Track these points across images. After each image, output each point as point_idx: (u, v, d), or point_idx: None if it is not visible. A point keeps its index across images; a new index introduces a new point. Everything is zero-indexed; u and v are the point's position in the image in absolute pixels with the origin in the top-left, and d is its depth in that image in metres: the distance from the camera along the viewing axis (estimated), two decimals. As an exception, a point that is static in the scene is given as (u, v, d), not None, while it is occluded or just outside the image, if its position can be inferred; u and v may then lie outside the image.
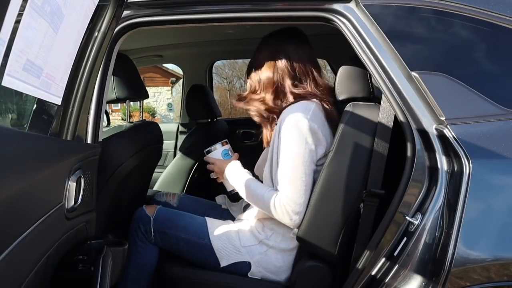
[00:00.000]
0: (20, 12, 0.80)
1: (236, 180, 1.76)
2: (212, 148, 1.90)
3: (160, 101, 21.32)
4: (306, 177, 1.57)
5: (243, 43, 1.83)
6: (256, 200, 1.67)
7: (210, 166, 1.89)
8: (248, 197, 1.71)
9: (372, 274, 1.41)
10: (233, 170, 1.79)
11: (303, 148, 1.57)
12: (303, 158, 1.57)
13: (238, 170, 1.79)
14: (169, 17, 1.62)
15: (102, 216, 1.62)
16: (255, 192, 1.67)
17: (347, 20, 1.49)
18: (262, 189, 1.65)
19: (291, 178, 1.56)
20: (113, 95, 1.91)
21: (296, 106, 1.63)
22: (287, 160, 1.57)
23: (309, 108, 1.62)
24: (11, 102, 2.36)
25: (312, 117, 1.59)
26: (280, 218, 1.60)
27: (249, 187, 1.70)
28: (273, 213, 1.59)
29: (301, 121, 1.57)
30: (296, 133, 1.57)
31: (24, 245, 0.83)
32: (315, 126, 1.59)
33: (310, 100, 1.67)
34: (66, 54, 1.17)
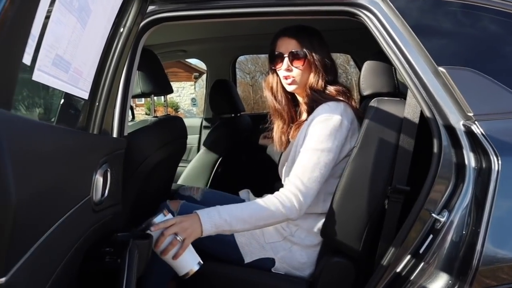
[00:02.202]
0: (50, 8, 0.82)
1: (224, 215, 1.48)
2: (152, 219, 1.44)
3: (183, 96, 21.45)
4: (325, 171, 1.56)
5: (267, 38, 1.81)
6: (258, 217, 1.50)
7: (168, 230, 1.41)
8: (248, 222, 1.50)
9: (397, 271, 1.40)
10: (211, 210, 1.51)
11: (330, 142, 1.56)
12: (328, 152, 1.56)
13: (217, 207, 1.52)
14: (194, 12, 1.63)
15: (127, 209, 1.63)
16: (252, 208, 1.52)
17: (372, 14, 1.47)
18: (257, 202, 1.54)
19: (312, 169, 1.55)
20: (138, 90, 1.93)
21: (329, 104, 1.62)
22: (312, 152, 1.56)
23: (341, 106, 1.61)
24: (38, 96, 2.41)
25: (344, 114, 1.59)
26: (286, 216, 1.52)
27: (245, 209, 1.52)
28: (279, 216, 1.51)
29: (334, 117, 1.57)
30: (327, 128, 1.56)
31: (54, 237, 0.85)
32: (346, 123, 1.58)
33: (339, 98, 1.66)
34: (93, 49, 1.18)
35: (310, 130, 1.59)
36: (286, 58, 1.68)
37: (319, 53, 1.68)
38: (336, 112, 1.58)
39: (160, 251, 1.41)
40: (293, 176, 1.55)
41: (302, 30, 1.71)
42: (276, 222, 1.56)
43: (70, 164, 0.97)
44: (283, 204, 1.50)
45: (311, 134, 1.58)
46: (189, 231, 1.42)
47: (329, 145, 1.55)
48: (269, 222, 1.54)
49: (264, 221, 1.52)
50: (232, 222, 1.47)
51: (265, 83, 1.84)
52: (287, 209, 1.51)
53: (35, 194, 0.72)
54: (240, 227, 1.49)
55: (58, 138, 0.89)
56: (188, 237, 1.42)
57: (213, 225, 1.45)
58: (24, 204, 0.66)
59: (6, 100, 0.64)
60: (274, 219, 1.52)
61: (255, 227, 1.53)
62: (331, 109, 1.59)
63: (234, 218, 1.47)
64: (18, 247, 0.69)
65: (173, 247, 1.40)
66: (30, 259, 0.73)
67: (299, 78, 1.68)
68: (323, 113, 1.59)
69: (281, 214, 1.51)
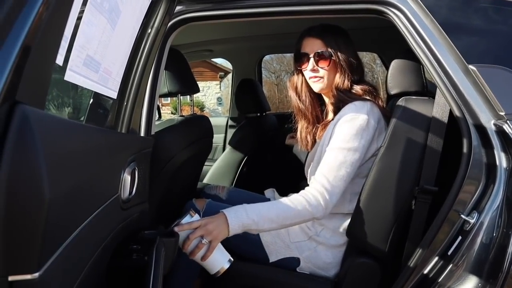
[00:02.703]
0: (81, 9, 0.83)
1: (251, 215, 1.47)
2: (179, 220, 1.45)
3: (208, 95, 21.58)
4: (351, 170, 1.55)
5: (293, 37, 1.81)
6: (284, 216, 1.49)
7: (193, 234, 1.40)
8: (275, 221, 1.48)
9: (424, 273, 1.38)
10: (238, 208, 1.50)
11: (356, 142, 1.55)
12: (354, 151, 1.55)
13: (244, 205, 1.51)
14: (220, 12, 1.64)
15: (154, 207, 1.65)
16: (279, 207, 1.50)
17: (401, 12, 1.45)
18: (283, 200, 1.53)
19: (338, 168, 1.54)
20: (165, 89, 1.95)
21: (356, 103, 1.61)
22: (338, 150, 1.55)
23: (368, 105, 1.60)
24: (67, 96, 2.46)
25: (371, 113, 1.57)
26: (312, 215, 1.51)
27: (272, 208, 1.51)
28: (305, 215, 1.50)
29: (361, 116, 1.56)
30: (353, 127, 1.56)
31: (84, 235, 0.87)
32: (373, 123, 1.57)
33: (365, 98, 1.64)
34: (122, 49, 1.20)
35: (336, 129, 1.58)
36: (312, 59, 1.67)
37: (345, 53, 1.67)
38: (362, 112, 1.57)
39: (188, 253, 1.42)
40: (319, 174, 1.55)
41: (327, 29, 1.70)
42: (303, 221, 1.55)
43: (100, 163, 0.99)
44: (310, 203, 1.49)
45: (337, 133, 1.57)
46: (215, 233, 1.41)
47: (355, 144, 1.54)
48: (296, 221, 1.53)
49: (291, 220, 1.51)
50: (260, 222, 1.46)
51: (289, 83, 1.84)
52: (313, 208, 1.50)
53: (67, 192, 0.74)
54: (267, 227, 1.48)
55: (89, 137, 0.90)
56: (215, 239, 1.41)
57: (240, 224, 1.44)
58: (56, 202, 0.67)
59: (40, 100, 0.66)
60: (301, 218, 1.51)
61: (281, 226, 1.52)
62: (358, 108, 1.58)
63: (261, 218, 1.46)
64: (50, 244, 0.70)
65: (199, 250, 1.40)
66: (61, 255, 0.74)
67: (325, 78, 1.68)
68: (350, 112, 1.58)
69: (308, 213, 1.50)
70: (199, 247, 1.40)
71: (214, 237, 1.41)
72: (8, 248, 0.61)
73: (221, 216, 1.46)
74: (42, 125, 0.63)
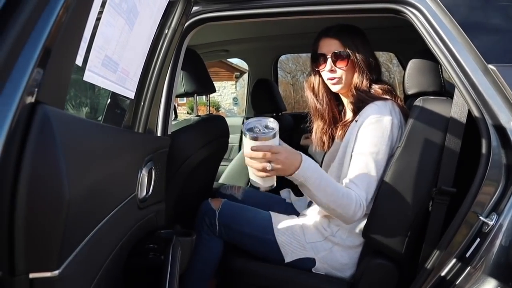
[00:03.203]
0: (100, 9, 0.84)
1: (316, 176, 1.43)
2: (267, 128, 1.38)
3: (224, 95, 21.62)
4: (379, 173, 1.55)
5: (309, 37, 1.80)
6: (335, 199, 1.46)
7: (267, 153, 1.33)
8: (327, 196, 1.45)
9: (442, 275, 1.37)
10: (312, 165, 1.43)
11: (384, 144, 1.54)
12: (383, 155, 1.54)
13: (317, 165, 1.45)
14: (236, 12, 1.64)
15: (170, 207, 1.66)
16: (337, 188, 1.47)
17: (419, 11, 1.44)
18: (342, 186, 1.51)
19: (369, 173, 1.53)
20: (182, 89, 1.96)
21: (377, 104, 1.60)
22: (368, 155, 1.54)
23: (389, 104, 1.60)
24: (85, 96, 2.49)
25: (393, 113, 1.57)
26: (353, 213, 1.49)
27: (332, 183, 1.47)
28: (348, 210, 1.48)
29: (385, 118, 1.56)
30: (379, 130, 1.55)
31: (102, 233, 0.88)
32: (396, 122, 1.56)
33: (385, 97, 1.63)
34: (140, 50, 1.21)
35: (362, 132, 1.57)
36: (329, 59, 1.67)
37: (362, 53, 1.66)
38: (385, 112, 1.56)
39: (247, 163, 1.38)
40: (352, 182, 1.53)
41: (344, 29, 1.69)
42: (340, 214, 1.50)
43: (118, 162, 1.00)
44: (356, 203, 1.48)
45: (363, 137, 1.56)
46: (281, 168, 1.36)
47: (383, 147, 1.54)
48: (337, 211, 1.48)
49: (336, 206, 1.46)
50: (319, 187, 1.42)
51: (306, 83, 1.83)
52: (356, 209, 1.48)
53: (86, 191, 0.75)
54: (319, 195, 1.44)
55: (107, 136, 0.91)
56: (276, 171, 1.37)
57: (305, 176, 1.40)
58: (76, 201, 0.68)
59: (60, 100, 0.67)
60: (342, 211, 1.47)
61: (325, 204, 1.47)
62: (380, 109, 1.57)
63: (322, 184, 1.43)
64: (70, 242, 0.71)
65: (258, 167, 1.35)
66: (80, 254, 0.75)
67: (344, 79, 1.67)
68: (373, 114, 1.57)
69: (351, 211, 1.47)
70: (262, 167, 1.35)
71: (278, 170, 1.37)
72: (29, 246, 0.62)
73: (297, 158, 1.40)
74: (62, 125, 0.64)
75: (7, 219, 0.59)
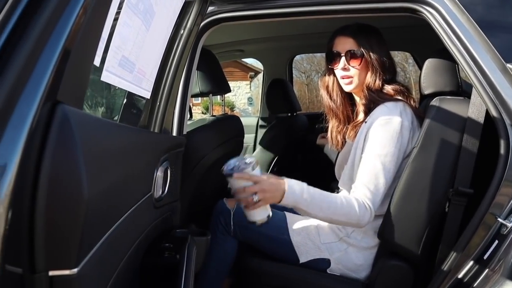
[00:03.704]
0: (118, 10, 0.85)
1: (306, 196, 1.45)
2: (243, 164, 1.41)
3: (239, 95, 21.64)
4: (388, 175, 1.53)
5: (324, 36, 1.80)
6: (333, 211, 1.47)
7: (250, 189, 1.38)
8: (323, 211, 1.47)
9: (459, 277, 1.35)
10: (298, 185, 1.48)
11: (393, 147, 1.53)
12: (391, 157, 1.53)
13: (304, 185, 1.49)
14: (252, 12, 1.64)
15: (185, 206, 1.67)
16: (332, 200, 1.49)
17: (435, 10, 1.42)
18: (338, 196, 1.51)
19: (377, 176, 1.52)
20: (197, 89, 1.96)
21: (387, 105, 1.59)
22: (376, 157, 1.53)
23: (400, 106, 1.58)
24: (101, 96, 2.51)
25: (404, 114, 1.55)
26: (358, 219, 1.49)
27: (325, 198, 1.49)
28: (352, 217, 1.48)
29: (394, 119, 1.54)
30: (388, 131, 1.54)
31: (119, 232, 0.89)
32: (407, 124, 1.55)
33: (397, 98, 1.62)
34: (156, 50, 1.22)
35: (371, 134, 1.56)
36: (343, 57, 1.66)
37: (377, 52, 1.65)
38: (395, 114, 1.54)
39: (236, 200, 1.43)
40: (360, 184, 1.53)
41: (359, 28, 1.68)
42: (347, 223, 1.53)
43: (134, 162, 1.01)
44: (360, 207, 1.48)
45: (372, 139, 1.55)
46: (268, 196, 1.40)
47: (391, 149, 1.53)
48: (341, 220, 1.50)
49: (338, 217, 1.49)
50: (310, 205, 1.45)
51: (321, 82, 1.83)
52: (361, 213, 1.48)
53: (104, 190, 0.76)
54: (314, 213, 1.47)
55: (124, 136, 0.92)
56: (265, 201, 1.40)
57: (293, 200, 1.44)
58: (94, 199, 0.69)
59: (79, 100, 0.67)
60: (347, 219, 1.49)
61: (326, 219, 1.51)
62: (390, 110, 1.56)
63: (314, 203, 1.46)
64: (88, 240, 0.72)
65: (245, 202, 1.40)
66: (98, 252, 0.76)
67: (356, 78, 1.66)
68: (382, 115, 1.56)
69: (355, 217, 1.48)
70: (248, 200, 1.39)
71: (266, 199, 1.40)
72: (49, 244, 0.63)
73: (281, 184, 1.44)
74: (81, 124, 0.65)
75: (27, 217, 0.60)
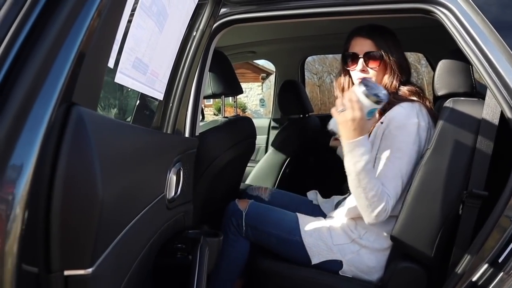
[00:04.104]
0: (132, 12, 0.86)
1: (365, 158, 1.45)
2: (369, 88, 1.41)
3: (250, 97, 21.65)
4: (404, 177, 1.52)
5: (337, 38, 1.79)
6: (364, 187, 1.47)
7: (347, 102, 1.41)
8: (356, 180, 1.47)
9: (473, 280, 1.34)
10: (367, 148, 1.46)
11: (409, 148, 1.52)
12: (409, 158, 1.52)
13: (368, 149, 1.47)
14: (264, 14, 1.64)
15: (197, 207, 1.68)
16: (374, 178, 1.48)
17: (449, 11, 1.41)
18: (377, 180, 1.51)
19: (394, 177, 1.52)
20: (209, 91, 1.97)
21: (403, 106, 1.58)
22: (393, 159, 1.53)
23: (416, 107, 1.57)
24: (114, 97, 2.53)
25: (420, 115, 1.55)
26: (378, 211, 1.49)
27: (368, 171, 1.47)
28: (376, 204, 1.48)
29: (411, 121, 1.53)
30: (406, 133, 1.53)
31: (133, 232, 0.89)
32: (424, 125, 1.54)
33: (412, 99, 1.61)
34: (169, 52, 1.23)
35: (388, 135, 1.55)
36: (361, 59, 1.65)
37: (395, 54, 1.64)
38: (412, 115, 1.54)
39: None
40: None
41: (376, 29, 1.67)
42: (365, 205, 1.50)
43: (148, 163, 1.01)
44: (385, 203, 1.48)
45: (390, 141, 1.54)
46: (348, 125, 1.42)
47: (408, 151, 1.52)
48: (366, 198, 1.48)
49: (366, 194, 1.47)
50: (365, 166, 1.45)
51: (336, 83, 1.82)
52: (382, 208, 1.48)
53: (118, 191, 0.77)
54: (361, 176, 1.46)
55: (137, 137, 0.93)
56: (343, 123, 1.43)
57: (358, 152, 1.44)
58: (109, 199, 0.70)
59: (93, 102, 0.68)
60: (369, 202, 1.48)
61: (357, 185, 1.48)
62: (406, 111, 1.55)
63: (368, 167, 1.46)
64: (102, 241, 0.73)
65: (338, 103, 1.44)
66: (112, 252, 0.77)
67: (374, 79, 1.65)
68: (398, 116, 1.55)
69: (378, 207, 1.48)
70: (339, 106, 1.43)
71: (344, 122, 1.43)
72: (64, 244, 0.64)
73: (362, 132, 1.44)
74: (96, 125, 0.66)
75: (43, 217, 0.61)
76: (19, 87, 0.54)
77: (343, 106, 1.42)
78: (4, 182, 0.53)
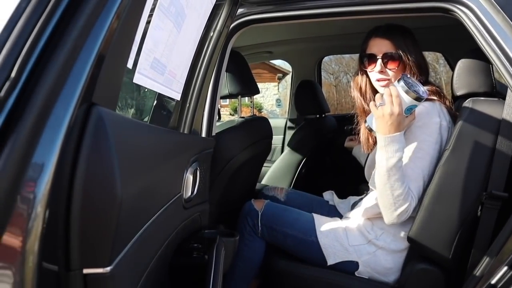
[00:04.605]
0: (150, 13, 0.87)
1: (398, 155, 1.44)
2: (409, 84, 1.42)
3: (267, 97, 21.66)
4: (428, 178, 1.51)
5: (354, 37, 1.78)
6: (392, 185, 1.45)
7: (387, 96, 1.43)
8: (386, 176, 1.45)
9: (492, 283, 1.32)
10: (402, 145, 1.45)
11: (431, 148, 1.51)
12: (431, 158, 1.51)
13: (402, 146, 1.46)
14: (281, 14, 1.64)
15: (213, 207, 1.68)
16: (401, 177, 1.46)
17: (469, 9, 1.39)
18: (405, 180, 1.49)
19: (416, 178, 1.50)
20: (226, 91, 1.98)
21: (424, 105, 1.55)
22: (415, 160, 1.51)
23: (437, 106, 1.56)
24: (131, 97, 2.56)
25: (442, 114, 1.53)
26: (401, 210, 1.47)
27: (399, 169, 1.45)
28: (401, 203, 1.47)
29: (433, 120, 1.52)
30: (427, 133, 1.52)
31: (150, 232, 0.90)
32: (445, 124, 1.52)
33: (433, 98, 1.59)
34: (186, 52, 1.23)
35: (409, 135, 1.54)
36: (379, 60, 1.63)
37: (414, 54, 1.62)
38: (433, 114, 1.52)
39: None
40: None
41: (394, 29, 1.66)
42: (389, 203, 1.48)
43: (165, 163, 1.02)
44: (409, 204, 1.47)
45: (411, 141, 1.53)
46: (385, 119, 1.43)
47: (430, 150, 1.51)
48: (392, 195, 1.46)
49: (392, 191, 1.46)
50: (396, 163, 1.44)
51: (353, 83, 1.81)
52: (405, 209, 1.47)
53: (136, 189, 0.77)
54: (391, 172, 1.44)
55: (155, 137, 0.94)
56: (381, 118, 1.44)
57: (393, 147, 1.43)
58: (127, 199, 0.71)
59: (113, 102, 0.69)
60: (394, 200, 1.47)
61: (387, 185, 1.46)
62: (428, 110, 1.53)
63: (399, 165, 1.45)
64: (121, 240, 0.74)
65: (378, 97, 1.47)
66: (130, 251, 0.78)
67: (393, 80, 1.63)
68: (420, 115, 1.53)
69: (402, 206, 1.46)
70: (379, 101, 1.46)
71: (382, 117, 1.43)
72: (83, 243, 0.65)
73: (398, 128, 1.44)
74: (115, 125, 0.66)
75: (63, 216, 0.62)
76: (41, 87, 0.55)
77: (382, 100, 1.43)
78: (25, 181, 0.54)
